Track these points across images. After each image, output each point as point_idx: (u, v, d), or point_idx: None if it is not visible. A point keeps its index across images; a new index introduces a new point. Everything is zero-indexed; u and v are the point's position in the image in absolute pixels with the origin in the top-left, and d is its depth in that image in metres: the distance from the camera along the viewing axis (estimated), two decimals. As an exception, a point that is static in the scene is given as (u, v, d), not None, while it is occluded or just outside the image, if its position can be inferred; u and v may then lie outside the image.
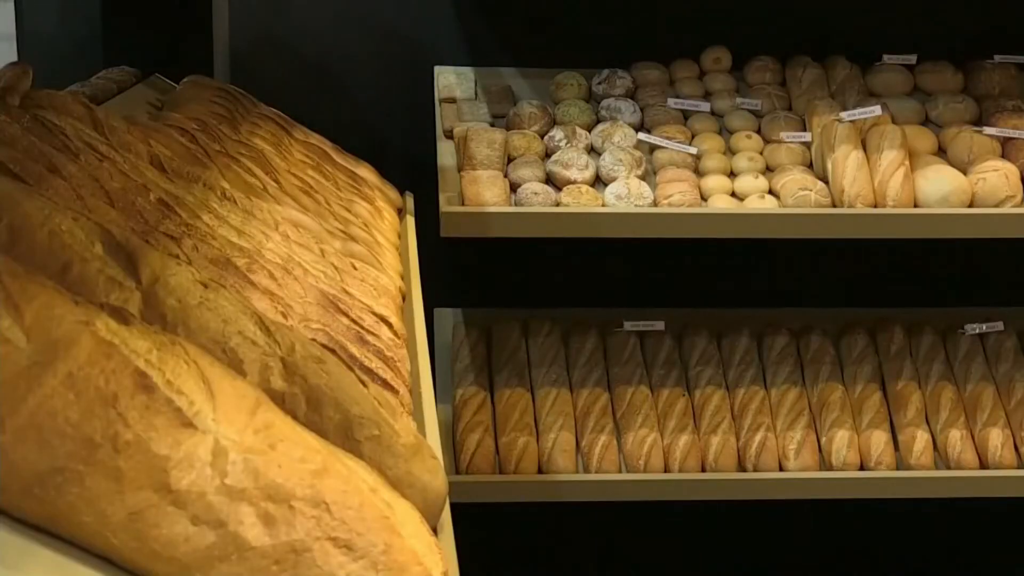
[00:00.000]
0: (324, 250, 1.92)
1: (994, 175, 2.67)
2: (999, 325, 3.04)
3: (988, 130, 2.80)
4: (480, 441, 2.79)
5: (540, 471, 2.79)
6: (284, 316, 1.60)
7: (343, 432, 1.32)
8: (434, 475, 1.38)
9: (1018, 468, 2.85)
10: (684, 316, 3.08)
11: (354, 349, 1.63)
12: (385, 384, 1.62)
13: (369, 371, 1.61)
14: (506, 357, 2.97)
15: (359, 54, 3.03)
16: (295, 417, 1.25)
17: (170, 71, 2.71)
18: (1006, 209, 2.65)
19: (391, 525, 1.13)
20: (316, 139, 2.49)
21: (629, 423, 2.84)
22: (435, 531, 1.36)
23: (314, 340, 1.52)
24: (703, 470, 2.82)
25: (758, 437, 2.84)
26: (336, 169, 2.41)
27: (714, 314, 3.11)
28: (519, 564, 3.29)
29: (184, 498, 1.08)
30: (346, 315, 1.71)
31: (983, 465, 2.86)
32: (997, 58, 3.01)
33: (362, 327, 1.72)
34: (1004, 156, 2.75)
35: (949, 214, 2.63)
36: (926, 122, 2.91)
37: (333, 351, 1.55)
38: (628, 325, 3.01)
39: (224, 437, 1.11)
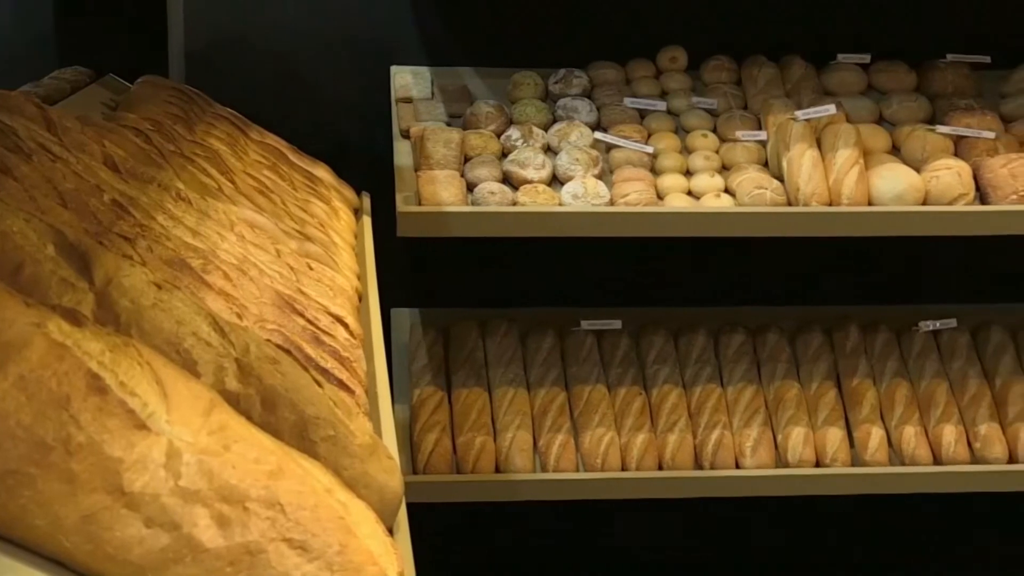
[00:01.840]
0: (280, 250, 1.91)
1: (947, 173, 2.69)
2: (952, 322, 3.07)
3: (941, 129, 2.82)
4: (437, 441, 2.79)
5: (497, 470, 2.79)
6: (239, 317, 1.60)
7: (298, 433, 1.32)
8: (390, 475, 1.37)
9: (971, 463, 2.88)
10: (641, 315, 3.09)
11: (310, 350, 1.63)
12: (341, 384, 1.61)
13: (325, 371, 1.60)
14: (463, 357, 2.97)
15: (315, 54, 3.02)
16: (250, 418, 1.24)
17: (124, 71, 2.70)
18: (959, 207, 2.68)
19: (346, 526, 1.13)
20: (272, 139, 2.48)
21: (586, 422, 2.85)
22: (391, 531, 1.36)
23: (269, 341, 1.52)
24: (660, 468, 2.83)
25: (715, 435, 2.85)
26: (292, 169, 2.40)
27: (671, 313, 3.13)
28: (477, 564, 3.29)
29: (138, 500, 1.07)
30: (302, 315, 1.71)
31: (937, 461, 2.88)
32: (950, 57, 3.03)
33: (318, 327, 1.71)
34: (957, 154, 2.78)
35: (903, 212, 2.65)
36: (880, 121, 2.93)
37: (288, 352, 1.55)
38: (585, 324, 3.02)
39: (178, 439, 1.11)
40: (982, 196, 2.72)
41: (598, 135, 2.81)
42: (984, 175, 2.72)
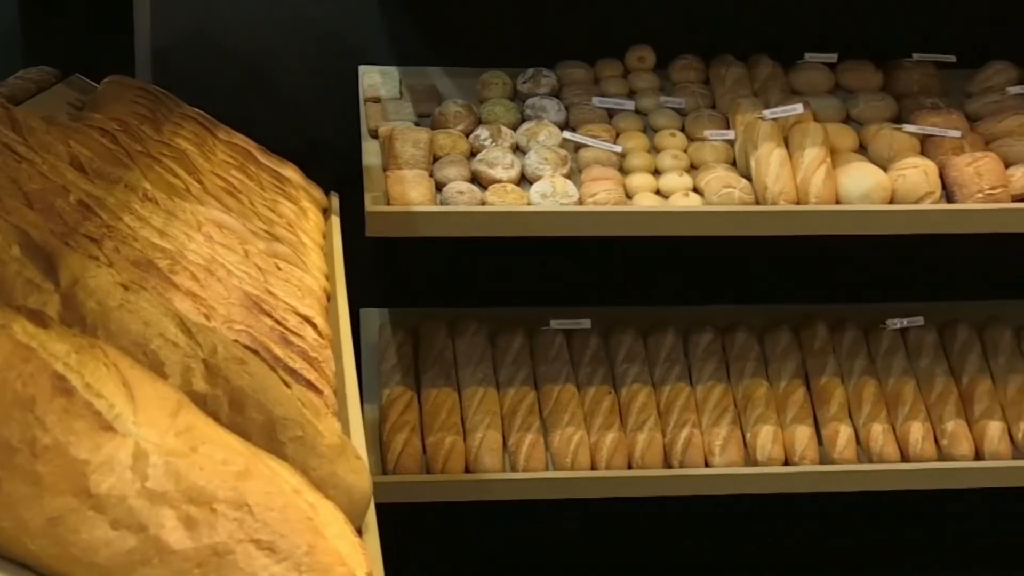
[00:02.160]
0: (248, 251, 1.91)
1: (914, 172, 2.71)
2: (919, 320, 3.09)
3: (908, 127, 2.83)
4: (407, 441, 2.78)
5: (467, 470, 2.79)
6: (207, 317, 1.59)
7: (266, 433, 1.31)
8: (359, 475, 1.37)
9: (938, 461, 2.90)
10: (610, 314, 3.10)
11: (278, 350, 1.63)
12: (309, 385, 1.61)
13: (293, 372, 1.60)
14: (433, 357, 2.96)
15: (283, 53, 3.01)
16: (217, 419, 1.24)
17: (91, 71, 2.68)
18: (925, 205, 2.69)
19: (315, 526, 1.13)
20: (240, 139, 2.48)
21: (556, 421, 2.85)
22: (360, 532, 1.36)
23: (237, 341, 1.51)
24: (630, 467, 2.84)
25: (684, 434, 2.86)
26: (260, 169, 2.39)
27: (640, 312, 3.13)
28: (447, 564, 3.29)
29: (104, 502, 1.07)
30: (270, 316, 1.71)
31: (904, 458, 2.90)
32: (916, 56, 3.05)
33: (286, 328, 1.71)
34: (923, 153, 2.79)
35: (870, 211, 2.67)
36: (847, 120, 2.94)
37: (256, 352, 1.54)
38: (554, 323, 3.02)
39: (145, 440, 1.10)
40: (948, 194, 2.74)
41: (567, 134, 2.81)
42: (950, 174, 2.73)
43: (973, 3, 3.13)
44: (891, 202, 2.69)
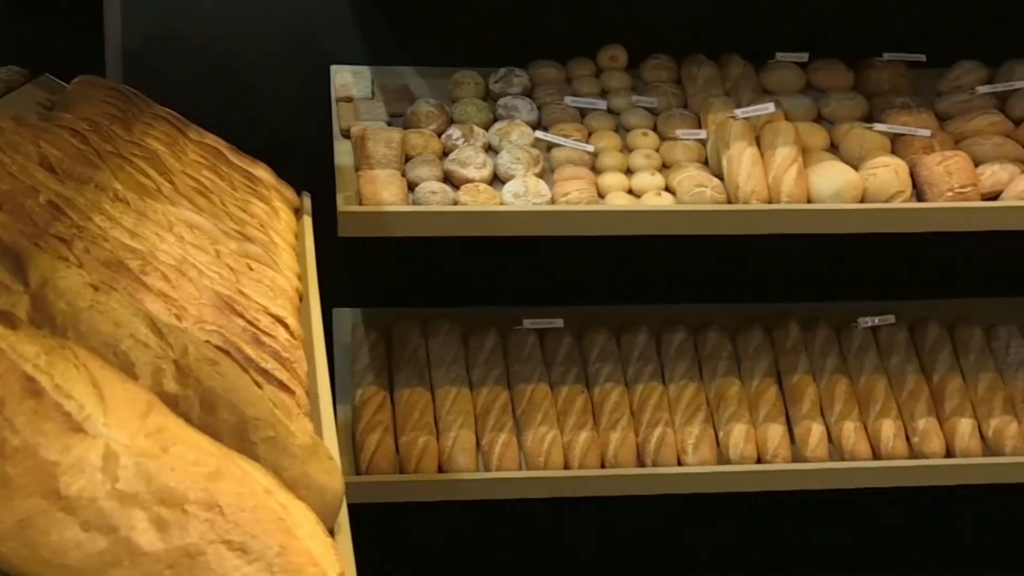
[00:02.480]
0: (219, 251, 1.90)
1: (884, 171, 2.72)
2: (891, 318, 3.10)
3: (878, 127, 2.85)
4: (380, 441, 2.78)
5: (440, 470, 2.79)
6: (178, 318, 1.59)
7: (238, 434, 1.31)
8: (331, 476, 1.37)
9: (909, 458, 2.91)
10: (583, 314, 3.10)
11: (249, 350, 1.62)
12: (281, 385, 1.61)
13: (265, 372, 1.60)
14: (406, 357, 2.96)
15: (255, 53, 3.00)
16: (189, 420, 1.24)
17: (60, 71, 2.67)
18: (896, 204, 2.70)
19: (286, 527, 1.13)
20: (211, 139, 2.47)
21: (529, 421, 2.85)
22: (332, 532, 1.36)
23: (208, 342, 1.51)
24: (603, 466, 2.84)
25: (657, 432, 2.86)
26: (232, 169, 2.39)
27: (613, 311, 3.14)
28: (420, 564, 3.29)
29: (74, 504, 1.06)
30: (241, 316, 1.70)
31: (876, 456, 2.91)
32: (886, 56, 3.06)
33: (258, 328, 1.70)
34: (894, 152, 2.80)
35: (841, 209, 2.68)
36: (818, 119, 2.95)
37: (228, 353, 1.54)
38: (527, 323, 3.02)
39: (115, 441, 1.10)
40: (918, 193, 2.75)
41: (539, 134, 2.81)
42: (920, 172, 2.74)
43: (943, 3, 3.14)
44: (862, 201, 2.70)
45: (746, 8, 3.09)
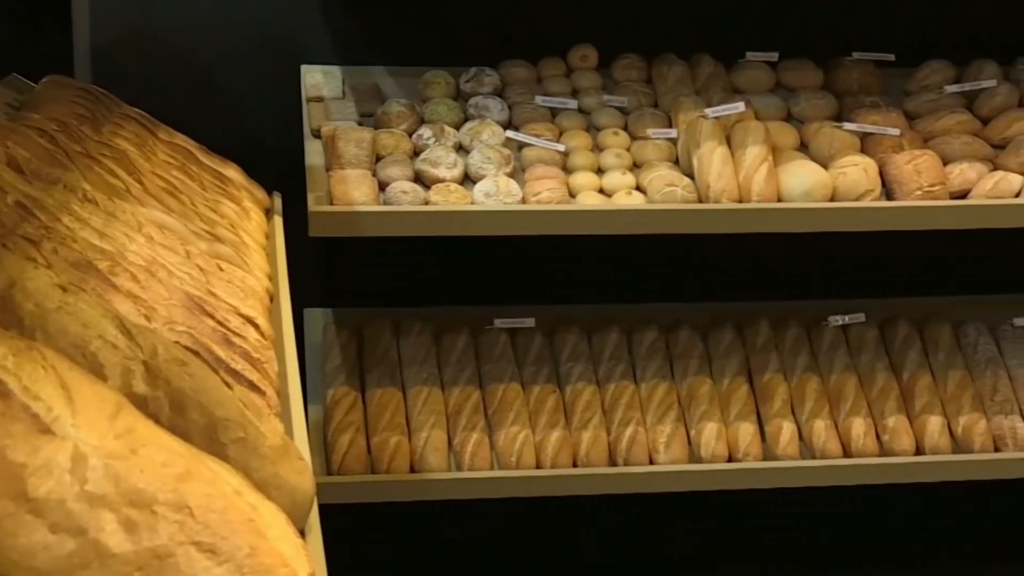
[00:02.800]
0: (189, 251, 1.90)
1: (854, 169, 2.73)
2: (861, 317, 3.11)
3: (848, 126, 2.86)
4: (352, 441, 2.78)
5: (412, 470, 2.78)
6: (147, 319, 1.58)
7: (208, 435, 1.31)
8: (301, 476, 1.37)
9: (879, 456, 2.92)
10: (554, 313, 3.10)
11: (220, 351, 1.62)
12: (251, 386, 1.60)
13: (235, 373, 1.59)
14: (377, 357, 2.96)
15: (225, 53, 2.99)
16: (158, 421, 1.24)
17: (28, 71, 2.65)
18: (866, 203, 2.71)
19: (256, 528, 1.12)
20: (181, 139, 2.46)
21: (501, 420, 2.85)
22: (303, 533, 1.36)
23: (178, 343, 1.51)
24: (575, 465, 2.84)
25: (628, 431, 2.87)
26: (202, 170, 2.38)
27: (584, 310, 3.14)
28: (393, 564, 3.28)
29: (42, 506, 1.06)
30: (212, 317, 1.70)
31: (846, 454, 2.92)
32: (855, 55, 3.07)
33: (228, 329, 1.70)
34: (863, 151, 2.82)
35: (811, 208, 2.68)
36: (788, 118, 2.96)
37: (198, 353, 1.54)
38: (499, 323, 3.02)
39: (84, 443, 1.10)
40: (888, 192, 2.76)
41: (510, 133, 2.81)
42: (890, 171, 2.76)
43: (911, 3, 3.16)
44: (832, 200, 2.71)
45: (716, 8, 3.10)
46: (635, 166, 2.80)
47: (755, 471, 2.88)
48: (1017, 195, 2.77)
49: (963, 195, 2.78)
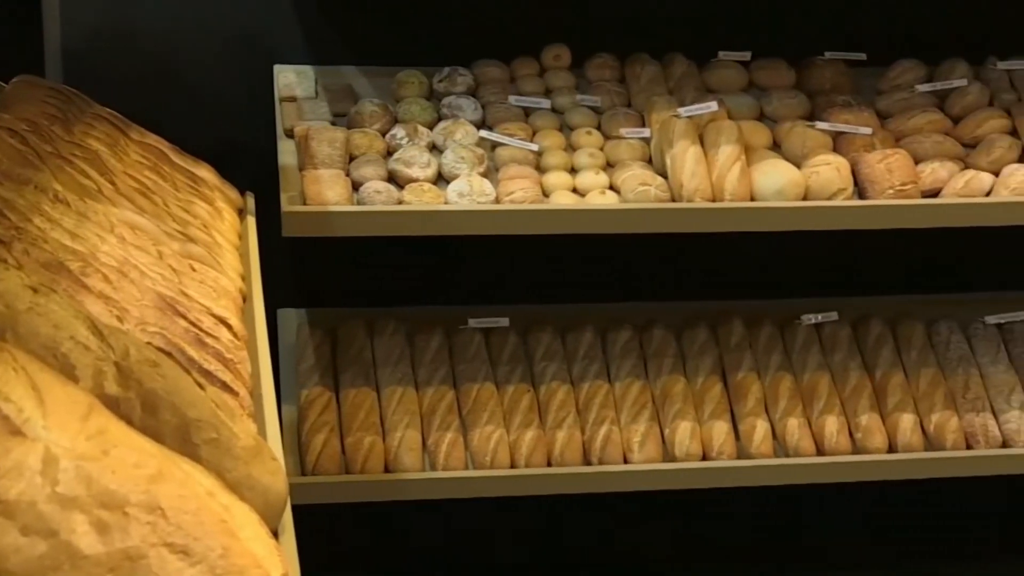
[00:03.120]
0: (162, 252, 1.89)
1: (826, 168, 2.74)
2: (834, 315, 3.12)
3: (820, 125, 2.87)
4: (326, 441, 2.77)
5: (387, 470, 2.78)
6: (119, 320, 1.58)
7: (180, 436, 1.30)
8: (274, 477, 1.37)
9: (853, 454, 2.94)
10: (528, 312, 3.10)
11: (192, 352, 1.61)
12: (224, 386, 1.60)
13: (208, 373, 1.59)
14: (351, 357, 2.95)
15: (197, 53, 2.98)
16: (130, 422, 1.23)
17: (-1, 71, 2.64)
18: (838, 202, 2.72)
19: (229, 529, 1.12)
20: (153, 139, 2.45)
21: (475, 420, 2.85)
22: (276, 533, 1.36)
23: (150, 344, 1.50)
24: (549, 465, 2.84)
25: (603, 431, 2.87)
26: (174, 170, 2.37)
27: (558, 310, 3.14)
28: (367, 564, 3.28)
29: (13, 508, 1.06)
30: (184, 317, 1.69)
31: (820, 452, 2.93)
32: (828, 55, 3.08)
33: (201, 329, 1.70)
34: (836, 150, 2.82)
35: (784, 207, 2.69)
36: (761, 117, 2.97)
37: (170, 354, 1.53)
38: (473, 322, 3.02)
39: (55, 444, 1.09)
40: (860, 191, 2.77)
41: (483, 133, 2.81)
42: (862, 170, 2.77)
43: (883, 3, 3.17)
44: (805, 199, 2.72)
45: (689, 8, 3.11)
46: (608, 165, 2.81)
47: (729, 469, 2.88)
48: (988, 194, 2.79)
49: (934, 194, 2.80)
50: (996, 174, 2.82)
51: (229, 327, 1.78)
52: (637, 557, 3.40)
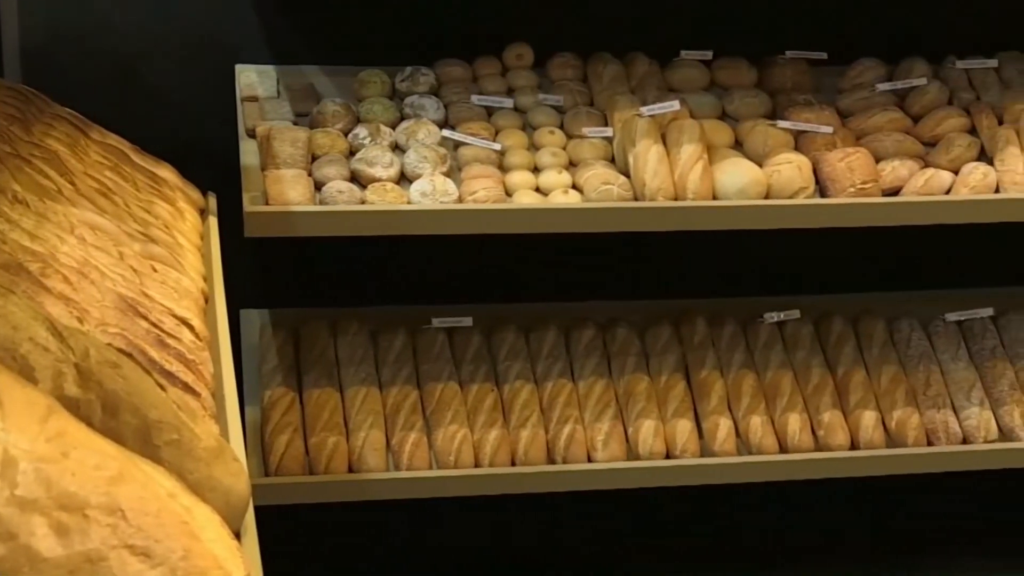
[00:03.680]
0: (123, 253, 1.88)
1: (788, 167, 2.75)
2: (796, 313, 3.14)
3: (782, 124, 2.88)
4: (289, 442, 2.76)
5: (351, 470, 2.78)
6: (80, 321, 1.57)
7: (141, 437, 1.30)
8: (236, 478, 1.36)
9: (815, 451, 2.95)
10: (492, 312, 3.10)
11: (153, 353, 1.61)
12: (186, 387, 1.59)
13: (169, 375, 1.59)
14: (314, 357, 2.95)
15: (158, 52, 2.97)
16: (91, 424, 1.22)
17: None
18: (800, 200, 2.74)
19: (190, 530, 1.12)
20: (114, 140, 2.44)
21: (439, 420, 2.85)
22: (239, 535, 1.35)
23: (111, 345, 1.49)
24: (513, 464, 2.85)
25: (567, 429, 2.87)
26: (135, 170, 2.36)
27: (521, 309, 3.14)
28: (331, 565, 3.27)
29: (-28, 511, 1.05)
30: (145, 318, 1.69)
31: (783, 449, 2.94)
32: (789, 54, 3.10)
33: (162, 330, 1.69)
34: (797, 149, 2.84)
35: (746, 206, 2.70)
36: (723, 116, 2.98)
37: (131, 355, 1.53)
38: (436, 322, 3.02)
39: (14, 446, 1.08)
40: (821, 189, 2.79)
41: (446, 133, 2.81)
42: (823, 169, 2.78)
43: (843, 2, 3.19)
44: (766, 197, 2.73)
45: (650, 7, 3.11)
46: (571, 164, 2.81)
47: (692, 468, 2.89)
48: (947, 192, 2.81)
49: (895, 192, 2.82)
50: (956, 172, 2.84)
51: (191, 328, 1.78)
52: (600, 555, 3.40)
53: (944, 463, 3.00)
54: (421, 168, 2.69)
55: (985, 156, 2.89)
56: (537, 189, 2.74)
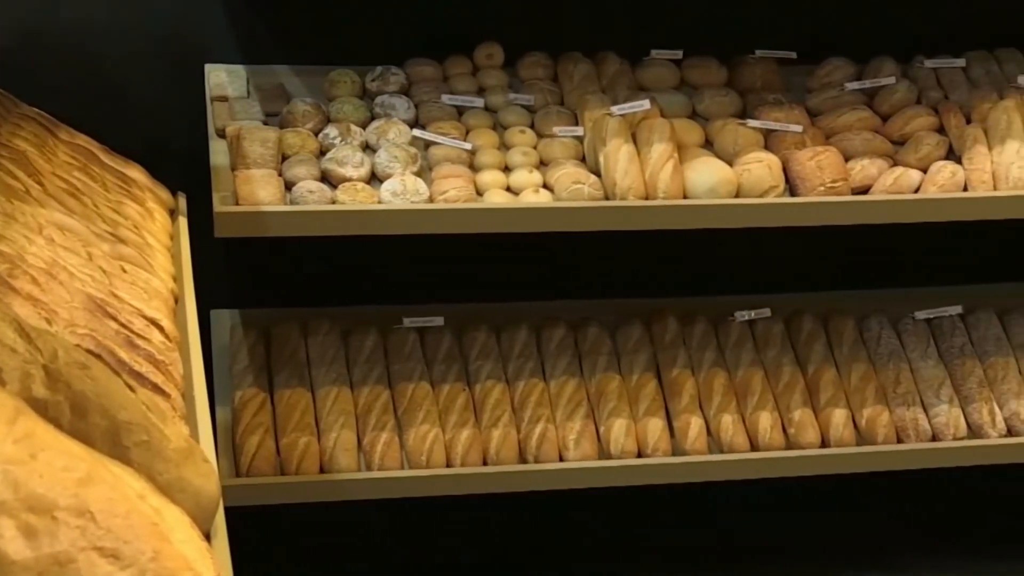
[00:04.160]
0: (92, 253, 1.88)
1: (758, 166, 2.76)
2: (766, 312, 3.15)
3: (752, 123, 2.89)
4: (260, 443, 2.76)
5: (322, 470, 2.77)
6: (48, 322, 1.56)
7: (110, 439, 1.29)
8: (206, 479, 1.36)
9: (786, 449, 2.96)
10: (463, 311, 3.10)
11: (123, 354, 1.60)
12: (156, 388, 1.59)
13: (138, 375, 1.58)
14: (285, 357, 2.94)
15: (127, 52, 2.96)
16: (59, 425, 1.22)
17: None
18: (770, 199, 2.75)
19: (160, 532, 1.11)
20: (83, 140, 2.43)
21: (410, 419, 2.85)
22: (209, 536, 1.35)
23: (79, 346, 1.49)
24: (485, 463, 2.85)
25: (538, 429, 2.88)
26: (104, 170, 2.35)
27: (492, 308, 3.14)
28: (303, 566, 3.27)
29: (-61, 513, 1.04)
30: (114, 319, 1.68)
31: (754, 447, 2.95)
32: (759, 53, 3.10)
33: (131, 331, 1.68)
34: (767, 147, 2.85)
35: (717, 204, 2.71)
36: (693, 115, 2.99)
37: (100, 356, 1.52)
38: (407, 322, 3.02)
39: (-19, 449, 1.08)
40: (791, 188, 2.80)
41: (416, 132, 2.81)
42: (793, 167, 2.79)
43: (812, 1, 3.20)
44: (737, 196, 2.74)
45: (620, 6, 3.12)
46: (542, 164, 2.81)
47: (664, 466, 2.90)
48: (916, 190, 2.83)
49: (864, 191, 2.83)
50: (924, 171, 2.85)
51: (160, 329, 1.77)
52: (572, 554, 3.41)
53: (913, 460, 3.02)
54: (392, 168, 2.68)
55: (953, 155, 2.91)
56: (508, 189, 2.74)
